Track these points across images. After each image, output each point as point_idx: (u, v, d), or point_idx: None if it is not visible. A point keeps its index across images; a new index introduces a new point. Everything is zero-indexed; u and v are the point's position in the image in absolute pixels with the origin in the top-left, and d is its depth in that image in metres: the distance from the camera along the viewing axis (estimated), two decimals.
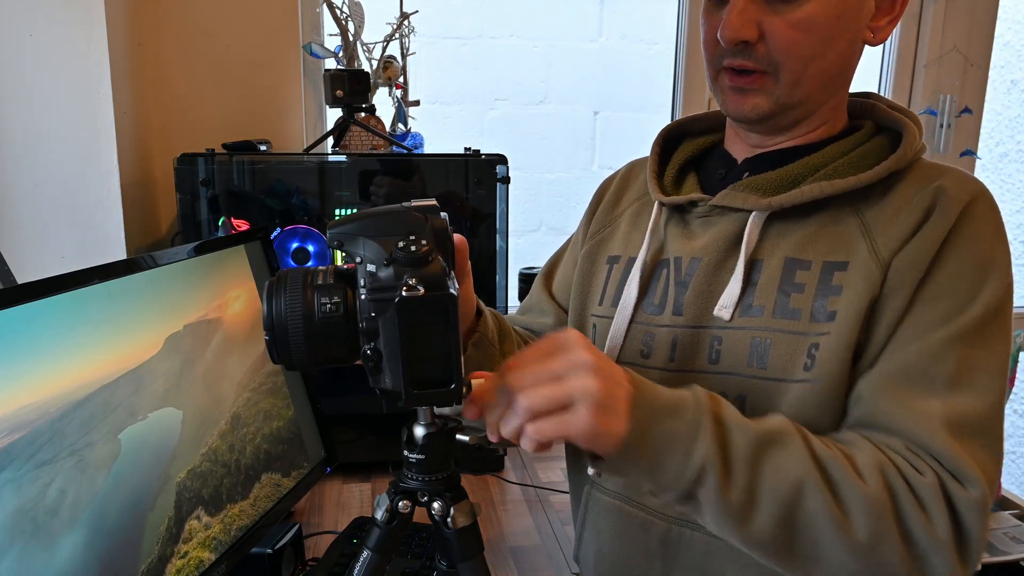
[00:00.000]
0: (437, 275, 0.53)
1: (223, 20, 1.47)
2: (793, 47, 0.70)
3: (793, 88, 0.72)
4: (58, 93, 1.24)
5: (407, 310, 0.52)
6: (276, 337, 0.55)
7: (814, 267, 0.71)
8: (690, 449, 0.60)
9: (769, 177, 0.75)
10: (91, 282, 0.74)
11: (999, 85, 2.55)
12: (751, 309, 0.73)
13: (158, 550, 0.77)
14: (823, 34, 0.70)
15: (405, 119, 1.57)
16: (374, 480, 1.35)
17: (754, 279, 0.74)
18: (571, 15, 2.26)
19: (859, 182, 0.71)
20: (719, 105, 0.78)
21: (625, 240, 0.87)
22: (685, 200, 0.80)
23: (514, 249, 2.15)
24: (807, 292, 0.71)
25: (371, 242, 0.55)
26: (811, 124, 0.77)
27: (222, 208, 1.31)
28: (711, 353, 0.75)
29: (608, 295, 0.85)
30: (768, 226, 0.75)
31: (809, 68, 0.71)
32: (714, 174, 0.83)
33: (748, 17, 0.70)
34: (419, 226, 0.56)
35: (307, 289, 0.55)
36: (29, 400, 0.65)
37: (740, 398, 0.73)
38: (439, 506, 0.61)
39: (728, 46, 0.71)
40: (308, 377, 1.09)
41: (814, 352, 0.69)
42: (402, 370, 0.54)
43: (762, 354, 0.71)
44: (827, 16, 0.69)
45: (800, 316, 0.70)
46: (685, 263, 0.78)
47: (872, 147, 0.75)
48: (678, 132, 0.90)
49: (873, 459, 0.63)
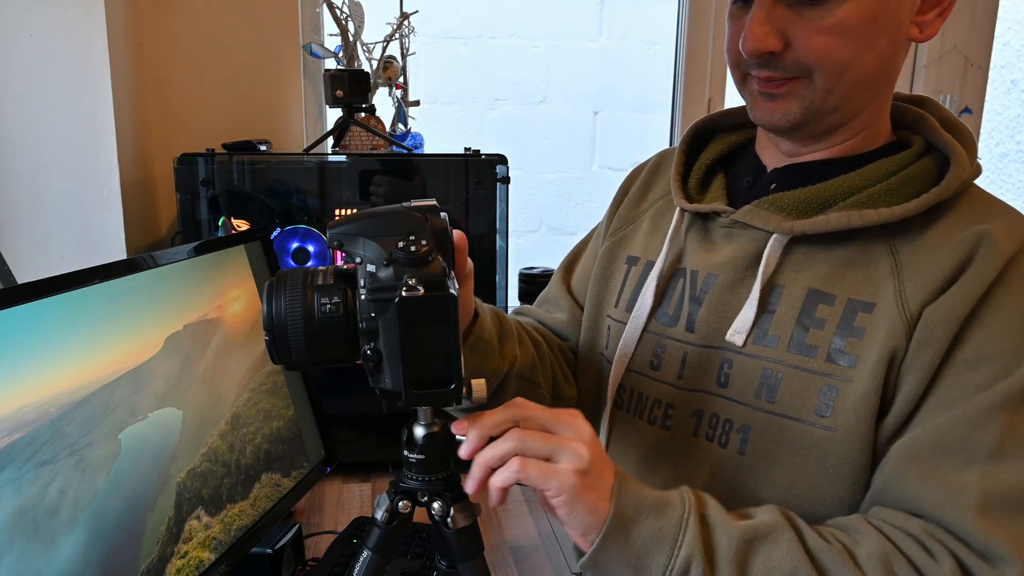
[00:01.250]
0: (437, 275, 0.53)
1: (223, 20, 1.47)
2: (826, 54, 0.63)
3: (828, 94, 0.66)
4: (58, 93, 1.23)
5: (407, 310, 0.52)
6: (276, 337, 0.55)
7: (837, 303, 0.66)
8: (675, 549, 0.58)
9: (797, 196, 0.70)
10: (91, 282, 0.74)
11: (999, 85, 2.55)
12: (766, 337, 0.69)
13: (158, 550, 0.77)
14: (859, 38, 0.63)
15: (405, 119, 1.57)
16: (374, 480, 1.35)
17: (772, 306, 0.69)
18: (571, 15, 2.26)
19: (892, 216, 0.65)
20: (748, 111, 0.72)
21: (645, 241, 0.84)
22: (707, 210, 0.76)
23: (514, 249, 2.16)
24: (826, 329, 0.66)
25: (371, 242, 0.55)
26: (849, 131, 0.70)
27: (222, 208, 1.30)
28: (720, 376, 0.72)
29: (624, 298, 0.83)
30: (791, 249, 0.70)
31: (845, 75, 0.65)
32: (742, 180, 0.78)
33: (771, 27, 0.64)
34: (419, 226, 0.56)
35: (307, 289, 0.55)
36: (29, 400, 0.65)
37: (744, 429, 0.70)
38: (439, 506, 0.61)
39: (751, 58, 0.66)
40: (308, 377, 1.09)
41: (831, 397, 0.65)
42: (402, 370, 0.54)
43: (772, 387, 0.68)
44: (862, 18, 0.62)
45: (816, 354, 0.66)
46: (701, 277, 0.75)
47: (916, 172, 0.68)
48: (708, 128, 0.84)
49: (878, 550, 0.58)
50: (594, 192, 2.28)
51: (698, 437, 0.74)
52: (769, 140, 0.76)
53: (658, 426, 0.77)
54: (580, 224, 2.23)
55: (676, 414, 0.76)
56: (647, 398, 0.78)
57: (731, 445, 0.71)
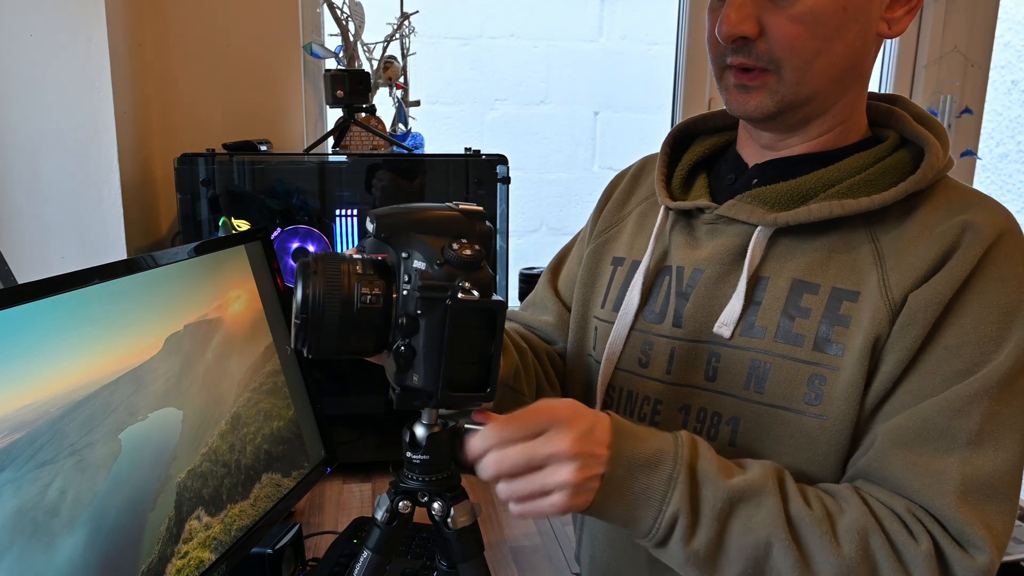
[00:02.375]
0: (488, 281, 0.53)
1: (223, 20, 1.47)
2: (795, 42, 0.66)
3: (798, 85, 0.68)
4: (58, 93, 1.23)
5: (460, 313, 0.52)
6: (310, 321, 0.54)
7: (822, 292, 0.68)
8: (663, 504, 0.61)
9: (778, 189, 0.72)
10: (91, 282, 0.74)
11: (999, 85, 2.55)
12: (753, 329, 0.70)
13: (158, 550, 0.77)
14: (827, 27, 0.65)
15: (405, 119, 1.57)
16: (374, 480, 1.35)
17: (758, 297, 0.71)
18: (571, 15, 2.26)
19: (872, 204, 0.67)
20: (724, 103, 0.75)
21: (630, 242, 0.85)
22: (691, 206, 0.77)
23: (514, 249, 2.15)
24: (812, 318, 0.68)
25: (421, 239, 0.54)
26: (825, 124, 0.72)
27: (222, 208, 1.30)
28: (708, 370, 0.73)
29: (611, 299, 0.84)
30: (775, 241, 0.72)
31: (814, 64, 0.67)
32: (724, 178, 0.80)
33: (747, 12, 0.66)
34: (468, 229, 0.56)
35: (346, 277, 0.54)
36: (29, 400, 0.65)
37: (733, 421, 0.71)
38: (439, 506, 0.61)
39: (726, 43, 0.68)
40: (308, 377, 1.09)
41: (818, 385, 0.67)
42: (441, 371, 0.53)
43: (760, 378, 0.69)
44: (831, 8, 0.65)
45: (803, 343, 0.68)
46: (688, 273, 0.76)
47: (893, 163, 0.70)
48: (689, 131, 0.86)
49: (859, 523, 0.61)
50: (594, 192, 2.27)
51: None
52: (750, 138, 0.78)
53: (647, 422, 0.78)
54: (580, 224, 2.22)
55: (664, 410, 0.76)
56: (637, 396, 0.79)
57: (721, 436, 0.72)
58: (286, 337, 1.03)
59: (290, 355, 1.05)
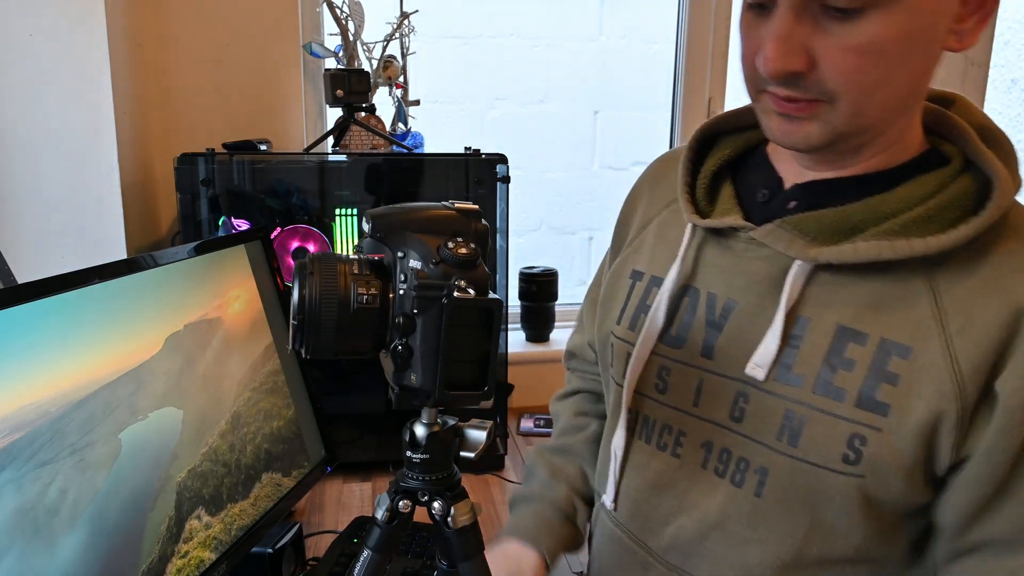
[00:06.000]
0: (484, 280, 0.53)
1: (223, 20, 1.46)
2: (853, 76, 0.56)
3: (855, 117, 0.59)
4: (58, 93, 1.23)
5: (457, 312, 0.52)
6: (307, 322, 0.54)
7: (870, 343, 0.60)
8: None
9: (822, 218, 0.63)
10: (91, 282, 0.74)
11: (999, 85, 2.55)
12: (789, 374, 0.63)
13: (158, 550, 0.77)
14: (891, 57, 0.56)
15: (405, 119, 1.57)
16: (374, 480, 1.35)
17: (795, 338, 0.63)
18: (571, 15, 2.25)
19: (927, 249, 0.58)
20: (763, 128, 0.64)
21: (650, 254, 0.78)
22: (723, 225, 0.69)
23: (514, 249, 2.15)
24: (856, 372, 0.60)
25: (417, 238, 0.54)
26: (877, 147, 0.63)
27: (222, 208, 1.30)
28: (735, 409, 0.67)
29: (627, 315, 0.78)
30: (815, 276, 0.63)
31: (875, 96, 0.58)
32: (755, 192, 0.71)
33: (794, 45, 0.56)
34: (465, 228, 0.56)
35: (342, 277, 0.55)
36: (29, 400, 0.65)
37: (762, 471, 0.66)
38: (440, 505, 0.61)
39: (772, 80, 0.58)
40: (308, 377, 1.09)
41: (858, 446, 0.60)
42: (438, 370, 0.53)
43: (795, 431, 0.63)
44: (896, 35, 0.55)
45: (844, 398, 0.61)
46: (720, 303, 0.69)
47: (956, 194, 0.60)
48: (713, 132, 0.77)
49: None
50: (594, 191, 2.27)
51: (706, 471, 0.71)
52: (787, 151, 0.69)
53: (668, 453, 0.74)
54: (580, 223, 2.23)
55: (687, 443, 0.72)
56: (655, 423, 0.75)
57: (747, 486, 0.68)
58: (286, 336, 1.03)
59: (290, 354, 1.05)
